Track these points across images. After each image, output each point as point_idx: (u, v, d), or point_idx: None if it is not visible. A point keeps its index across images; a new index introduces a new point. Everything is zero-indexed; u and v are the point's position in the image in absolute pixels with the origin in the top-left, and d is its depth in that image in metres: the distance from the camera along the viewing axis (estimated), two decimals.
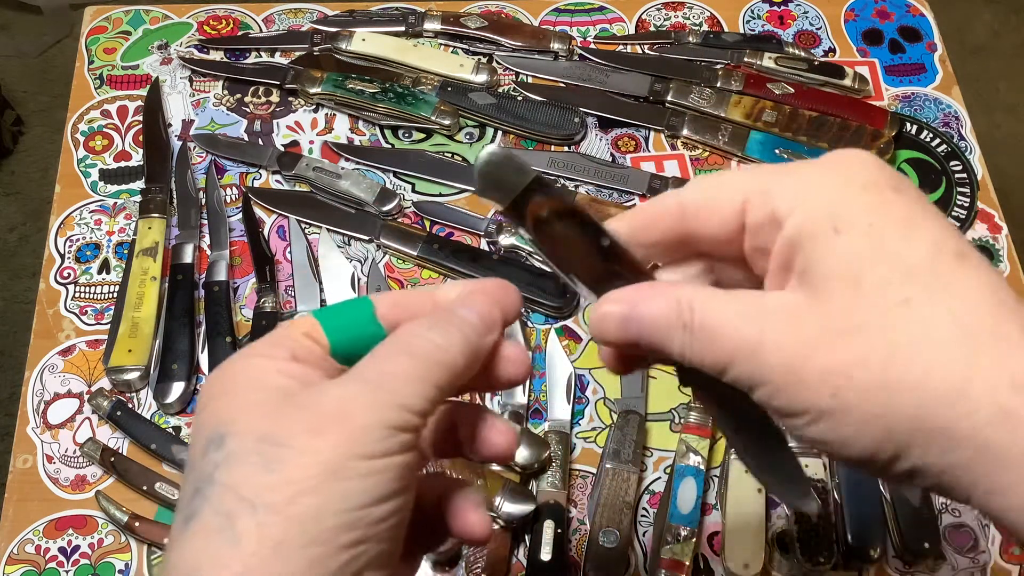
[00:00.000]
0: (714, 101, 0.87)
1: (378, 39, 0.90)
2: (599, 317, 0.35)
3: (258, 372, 0.33)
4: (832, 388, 0.30)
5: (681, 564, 0.63)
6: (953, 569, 0.67)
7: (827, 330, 0.30)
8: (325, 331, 0.35)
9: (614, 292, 0.35)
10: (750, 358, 0.31)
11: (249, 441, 0.30)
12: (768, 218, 0.33)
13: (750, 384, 0.32)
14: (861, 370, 0.29)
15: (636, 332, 0.34)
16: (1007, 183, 1.56)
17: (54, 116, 1.74)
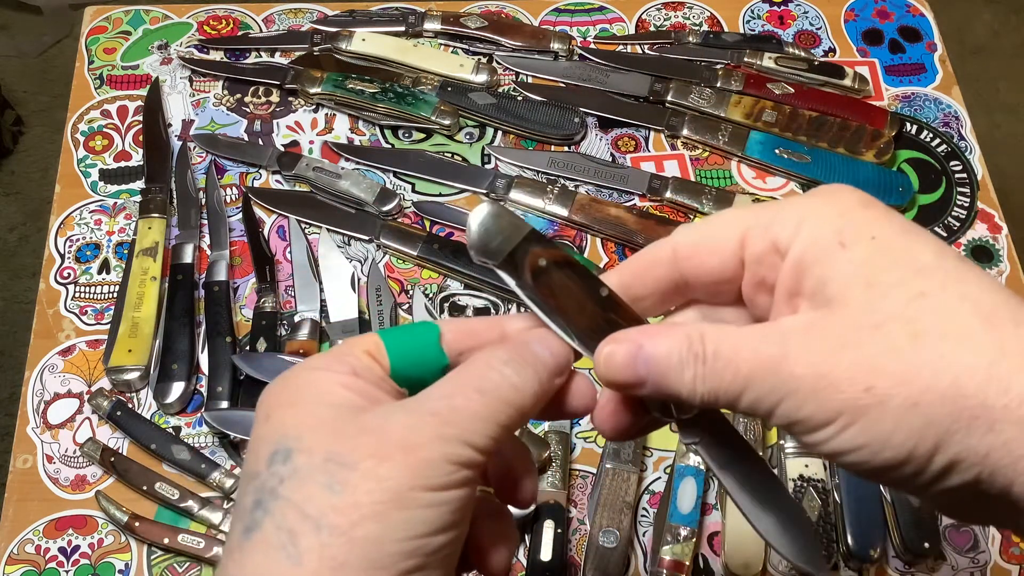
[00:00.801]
0: (714, 101, 0.87)
1: (378, 39, 0.90)
2: (605, 356, 0.34)
3: (323, 386, 0.33)
4: (865, 382, 0.30)
5: (681, 564, 0.63)
6: (953, 569, 0.67)
7: (851, 330, 0.30)
8: (388, 352, 0.35)
9: (619, 332, 0.35)
10: (772, 373, 0.31)
11: (316, 459, 0.31)
12: (769, 248, 0.33)
13: (773, 402, 0.31)
14: (891, 359, 0.29)
15: (644, 371, 0.33)
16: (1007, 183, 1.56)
17: (54, 116, 1.74)
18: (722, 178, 0.84)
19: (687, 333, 0.33)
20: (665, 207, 0.82)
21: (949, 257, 0.31)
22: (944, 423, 0.29)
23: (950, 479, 0.30)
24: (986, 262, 0.81)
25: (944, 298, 0.30)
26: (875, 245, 0.31)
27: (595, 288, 0.35)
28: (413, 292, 0.77)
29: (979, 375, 0.29)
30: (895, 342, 0.30)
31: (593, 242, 0.80)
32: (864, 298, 0.31)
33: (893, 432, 0.30)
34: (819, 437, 0.31)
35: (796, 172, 0.83)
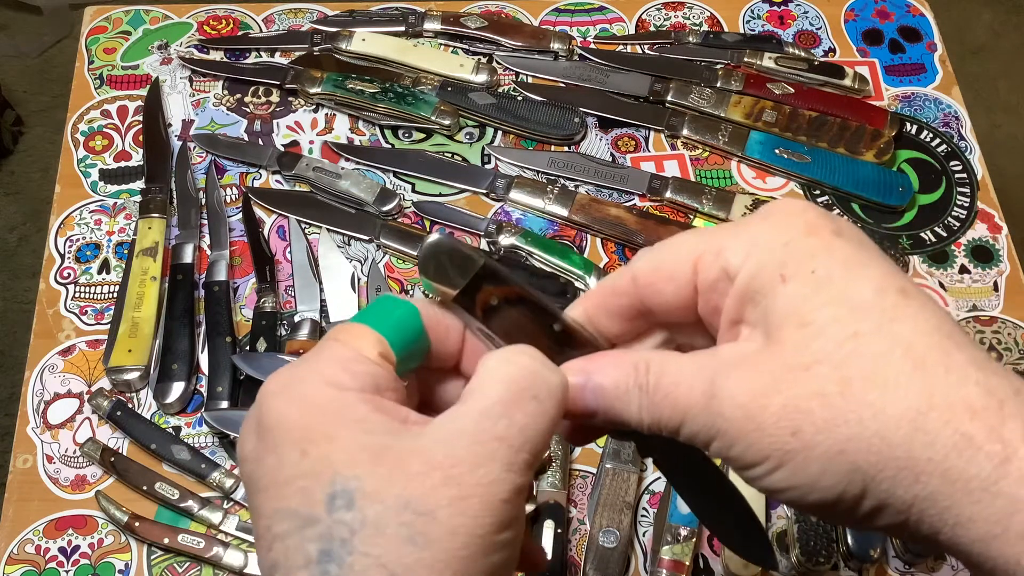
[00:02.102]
0: (714, 101, 0.87)
1: (378, 39, 0.90)
2: None
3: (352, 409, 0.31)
4: (792, 427, 0.29)
5: (681, 564, 0.63)
6: (953, 569, 0.67)
7: (781, 371, 0.30)
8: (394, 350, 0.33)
9: (568, 363, 0.34)
10: (704, 410, 0.31)
11: (389, 507, 0.28)
12: (720, 275, 0.33)
13: (706, 438, 0.31)
14: (819, 405, 0.29)
15: (593, 401, 0.34)
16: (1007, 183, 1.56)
17: (54, 116, 1.74)
18: (722, 178, 0.84)
19: (634, 362, 0.33)
20: (665, 207, 0.82)
21: (889, 293, 0.30)
22: (870, 471, 0.29)
23: (880, 520, 0.30)
24: (986, 262, 0.81)
25: (876, 340, 0.29)
26: (814, 280, 0.31)
27: (549, 323, 0.35)
28: (413, 292, 0.77)
29: (904, 427, 0.28)
30: (823, 387, 0.29)
31: (593, 242, 0.80)
32: (797, 337, 0.30)
33: (820, 476, 0.29)
34: (750, 475, 0.31)
35: (796, 172, 0.83)
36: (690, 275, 0.34)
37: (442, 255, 0.34)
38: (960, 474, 0.28)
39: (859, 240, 0.32)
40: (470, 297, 0.34)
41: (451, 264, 0.34)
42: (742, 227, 0.33)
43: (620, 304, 0.36)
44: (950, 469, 0.28)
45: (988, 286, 0.80)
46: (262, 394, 0.32)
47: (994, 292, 0.79)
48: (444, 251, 0.34)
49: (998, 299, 0.79)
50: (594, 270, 0.76)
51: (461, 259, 0.34)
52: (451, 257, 0.34)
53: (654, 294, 0.35)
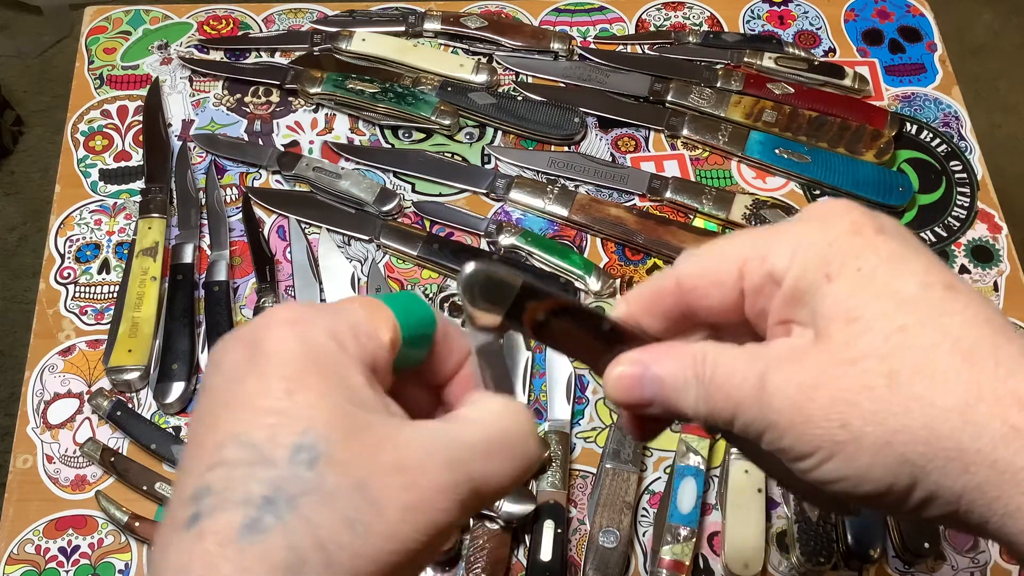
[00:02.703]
0: (714, 101, 0.87)
1: (378, 39, 0.90)
2: (613, 379, 0.35)
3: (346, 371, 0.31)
4: (841, 419, 0.30)
5: (681, 564, 0.63)
6: (953, 569, 0.67)
7: (829, 364, 0.31)
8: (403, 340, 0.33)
9: (625, 354, 0.35)
10: (755, 403, 0.32)
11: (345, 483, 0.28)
12: (766, 279, 0.33)
13: (758, 430, 0.32)
14: (866, 398, 0.30)
15: (651, 392, 0.34)
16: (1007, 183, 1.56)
17: (54, 116, 1.74)
18: (722, 178, 0.84)
19: (692, 353, 0.33)
20: (665, 207, 0.82)
21: (936, 287, 0.31)
22: (919, 462, 0.29)
23: (930, 510, 0.30)
24: (986, 262, 0.81)
25: (923, 334, 0.30)
26: (859, 277, 0.31)
27: (597, 325, 0.35)
28: (413, 292, 0.77)
29: (953, 418, 0.29)
30: (870, 380, 0.30)
31: (593, 242, 0.80)
32: (845, 333, 0.31)
33: (870, 468, 0.30)
34: (802, 467, 0.31)
35: (796, 172, 0.83)
36: (736, 280, 0.34)
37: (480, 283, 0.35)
38: (1008, 465, 0.28)
39: (903, 237, 0.33)
40: (517, 317, 0.35)
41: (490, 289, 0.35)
42: (786, 229, 0.34)
43: (664, 306, 0.36)
44: (998, 460, 0.28)
45: (988, 286, 0.80)
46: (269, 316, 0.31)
47: (994, 292, 0.79)
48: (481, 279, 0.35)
49: (998, 299, 0.79)
50: (594, 270, 0.76)
51: (499, 283, 0.35)
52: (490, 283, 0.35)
53: (699, 298, 0.35)
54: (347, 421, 0.29)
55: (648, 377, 0.34)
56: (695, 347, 0.34)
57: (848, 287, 0.31)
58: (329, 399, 0.29)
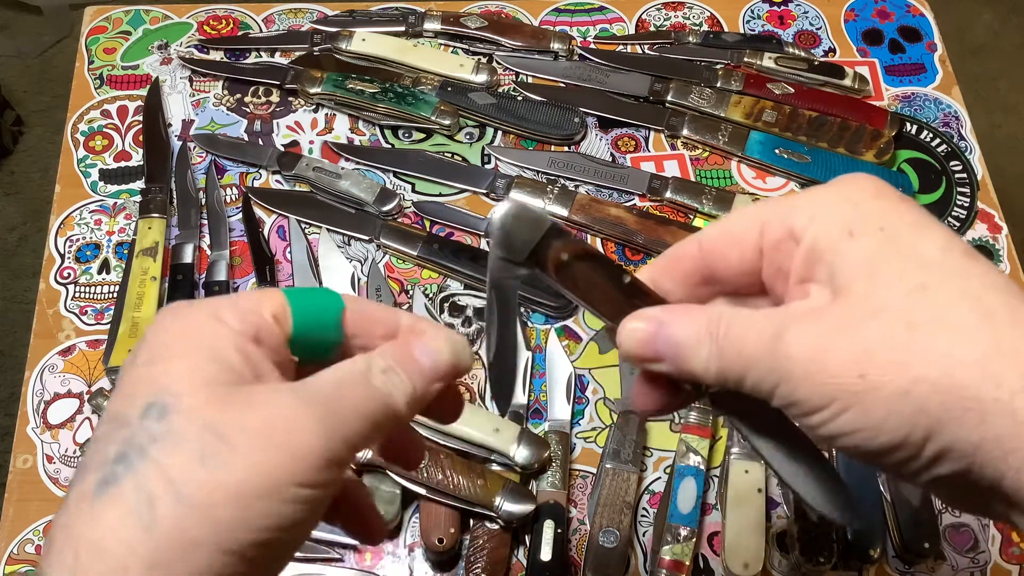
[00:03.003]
0: (714, 101, 0.87)
1: (378, 39, 0.90)
2: (628, 332, 0.35)
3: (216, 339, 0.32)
4: (858, 369, 0.30)
5: (681, 564, 0.63)
6: (953, 569, 0.67)
7: (849, 318, 0.31)
8: (293, 318, 0.34)
9: (642, 310, 0.36)
10: (771, 354, 0.32)
11: (194, 424, 0.29)
12: (786, 235, 0.34)
13: (772, 383, 0.32)
14: (886, 348, 0.30)
15: (664, 347, 0.34)
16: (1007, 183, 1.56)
17: (54, 116, 1.74)
18: (722, 178, 0.84)
19: (708, 314, 0.34)
20: (665, 207, 0.82)
21: (955, 253, 0.31)
22: (936, 412, 0.29)
23: (941, 467, 0.30)
24: None
25: (944, 292, 0.30)
26: (883, 236, 0.32)
27: (618, 276, 0.36)
28: (413, 292, 0.77)
29: (972, 368, 0.29)
30: (891, 331, 0.30)
31: (593, 242, 0.80)
32: (866, 287, 0.31)
33: (886, 419, 0.30)
34: (815, 420, 0.31)
35: (796, 172, 0.83)
36: (756, 238, 0.35)
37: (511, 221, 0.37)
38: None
39: (923, 208, 0.33)
40: (542, 256, 0.37)
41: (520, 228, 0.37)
42: (809, 193, 0.34)
43: (684, 269, 0.37)
44: (1017, 410, 0.28)
45: None
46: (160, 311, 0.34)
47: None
48: (513, 217, 0.36)
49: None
50: None
51: (530, 222, 0.37)
52: (520, 222, 0.36)
53: (719, 258, 0.36)
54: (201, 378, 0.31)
55: (663, 333, 0.34)
56: (711, 308, 0.34)
57: (871, 245, 0.32)
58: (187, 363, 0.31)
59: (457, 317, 0.76)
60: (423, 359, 0.35)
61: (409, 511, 0.67)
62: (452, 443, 0.66)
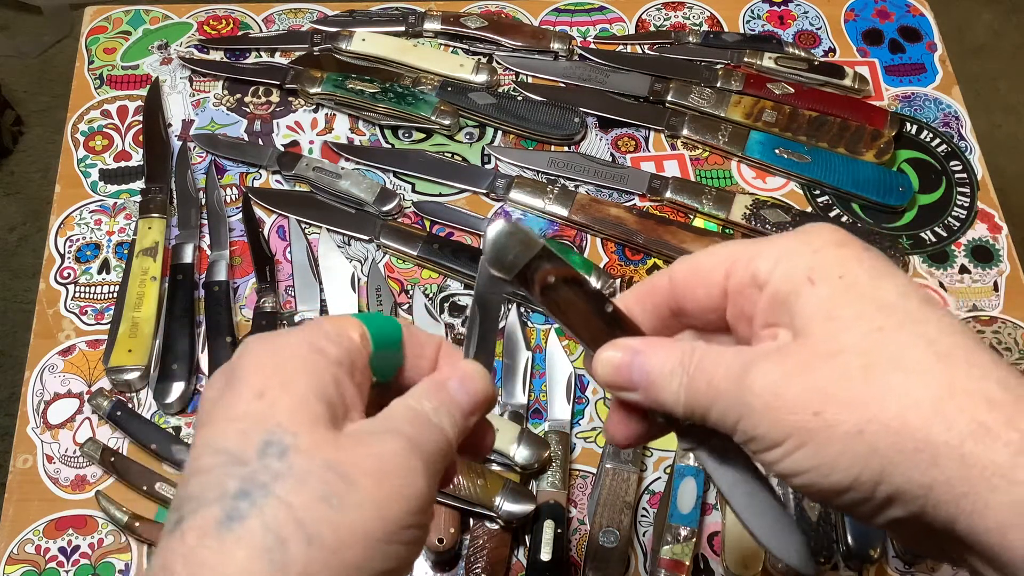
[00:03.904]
0: (714, 101, 0.87)
1: (378, 39, 0.90)
2: (603, 360, 0.37)
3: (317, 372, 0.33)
4: (815, 406, 0.31)
5: (681, 564, 0.63)
6: (954, 569, 0.67)
7: (808, 357, 0.32)
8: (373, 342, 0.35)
9: (619, 339, 0.37)
10: (735, 390, 0.33)
11: (315, 464, 0.30)
12: (750, 280, 0.35)
13: (734, 418, 0.33)
14: (841, 387, 0.31)
15: (637, 377, 0.36)
16: (1007, 183, 1.56)
17: (54, 116, 1.74)
18: (722, 178, 0.84)
19: (682, 347, 0.35)
20: (665, 207, 0.82)
21: (913, 299, 0.32)
22: (888, 453, 0.30)
23: (894, 509, 0.31)
24: (986, 262, 0.81)
25: (900, 335, 0.31)
26: (841, 283, 0.33)
27: (600, 304, 0.37)
28: (413, 292, 0.77)
29: (925, 410, 0.29)
30: (847, 371, 0.31)
31: (593, 242, 0.80)
32: (824, 330, 0.32)
33: (838, 457, 0.30)
34: (772, 456, 0.32)
35: (796, 172, 0.83)
36: (722, 279, 0.36)
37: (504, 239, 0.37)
38: (977, 460, 0.29)
39: (885, 259, 0.34)
40: (530, 276, 0.38)
41: (512, 247, 0.37)
42: (774, 239, 0.35)
43: (656, 302, 0.38)
44: (968, 455, 0.29)
45: (988, 286, 0.80)
46: (245, 342, 0.34)
47: (994, 292, 0.79)
48: (506, 235, 0.37)
49: (998, 299, 0.79)
50: (594, 270, 0.76)
51: (522, 242, 0.37)
52: (512, 240, 0.37)
53: (688, 294, 0.37)
54: (313, 414, 0.31)
55: (636, 363, 0.36)
56: (685, 343, 0.35)
57: (829, 290, 0.33)
58: (295, 395, 0.32)
59: (457, 317, 0.76)
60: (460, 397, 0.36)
61: None
62: None
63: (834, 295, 0.32)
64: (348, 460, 0.31)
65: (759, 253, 0.35)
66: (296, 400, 0.32)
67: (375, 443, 0.32)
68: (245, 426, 0.31)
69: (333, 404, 0.32)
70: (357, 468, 0.31)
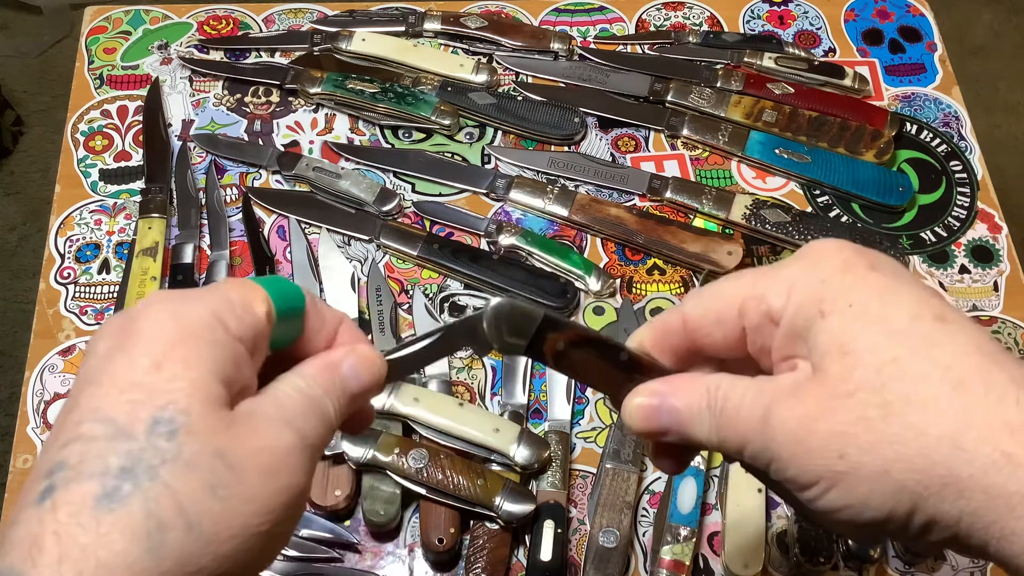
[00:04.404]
0: (714, 101, 0.87)
1: (378, 39, 0.90)
2: (631, 409, 0.37)
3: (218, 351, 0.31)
4: (839, 450, 0.31)
5: (681, 564, 0.63)
6: (953, 569, 0.67)
7: (826, 398, 0.32)
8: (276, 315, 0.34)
9: (644, 385, 0.37)
10: (760, 435, 0.33)
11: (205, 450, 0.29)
12: (764, 319, 0.35)
13: (764, 461, 0.33)
14: (863, 429, 0.31)
15: (667, 420, 0.36)
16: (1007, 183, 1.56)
17: (54, 116, 1.74)
18: (722, 178, 0.84)
19: (706, 385, 0.35)
20: (665, 207, 0.82)
21: (925, 319, 0.32)
22: (916, 489, 0.30)
23: (933, 535, 0.31)
24: (986, 262, 0.81)
25: (914, 364, 0.31)
26: (851, 312, 0.33)
27: (615, 355, 0.37)
28: (413, 292, 0.77)
29: (945, 446, 0.30)
30: (865, 412, 0.31)
31: (593, 242, 0.80)
32: (839, 366, 0.32)
33: (869, 496, 0.31)
34: (807, 496, 0.33)
35: (796, 172, 0.83)
36: (736, 319, 0.36)
37: (506, 315, 0.37)
38: (1001, 490, 0.29)
39: (895, 271, 0.34)
40: (538, 348, 0.37)
41: (511, 326, 0.37)
42: (780, 269, 0.35)
43: (672, 344, 0.38)
44: (991, 486, 0.29)
45: (988, 286, 0.80)
46: (148, 298, 0.33)
47: (994, 292, 0.79)
48: (507, 310, 0.37)
49: (998, 299, 0.79)
50: (594, 270, 0.76)
51: (521, 316, 0.37)
52: (513, 317, 0.37)
53: (704, 336, 0.37)
54: (208, 394, 0.30)
55: (665, 407, 0.36)
56: (709, 378, 0.35)
57: (840, 322, 0.32)
58: (193, 376, 0.30)
59: (457, 317, 0.76)
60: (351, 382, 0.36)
61: (409, 511, 0.67)
62: (452, 443, 0.66)
63: (845, 326, 0.32)
64: (239, 451, 0.30)
65: (769, 289, 0.35)
66: (193, 377, 0.30)
67: (268, 435, 0.31)
68: (136, 398, 0.29)
69: (231, 383, 0.31)
70: (248, 461, 0.30)
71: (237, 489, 0.29)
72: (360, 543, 0.66)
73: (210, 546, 0.28)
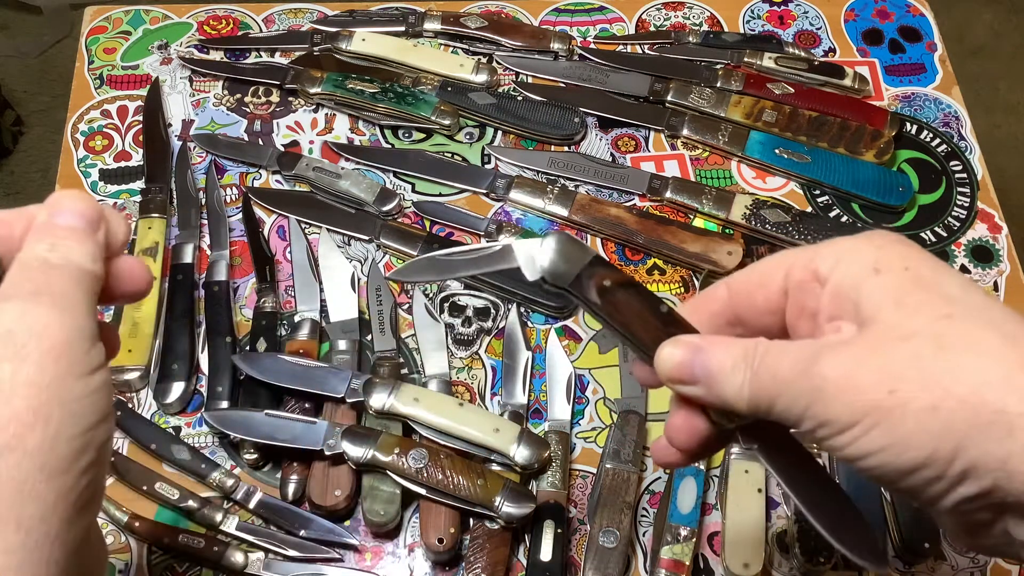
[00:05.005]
0: (714, 101, 0.87)
1: (378, 39, 0.90)
2: (666, 354, 0.37)
3: None
4: (889, 385, 0.31)
5: (681, 564, 0.63)
6: (953, 569, 0.67)
7: (879, 341, 0.33)
8: None
9: (682, 336, 0.38)
10: (804, 376, 0.33)
11: None
12: (811, 277, 0.36)
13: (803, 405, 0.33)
14: (915, 367, 0.31)
15: (699, 372, 0.36)
16: (1007, 183, 1.56)
17: (54, 116, 1.74)
18: (722, 178, 0.84)
19: (744, 343, 0.36)
20: (665, 207, 0.82)
21: (974, 292, 0.34)
22: (962, 428, 0.30)
23: (967, 485, 0.31)
24: (986, 262, 0.81)
25: (969, 320, 0.32)
26: (908, 274, 0.34)
27: (656, 305, 0.39)
28: (413, 292, 0.77)
29: (998, 385, 0.30)
30: (920, 351, 0.32)
31: (593, 242, 0.80)
32: (894, 315, 0.33)
33: (914, 434, 0.31)
34: (845, 439, 0.33)
35: (796, 172, 0.83)
36: (781, 281, 0.37)
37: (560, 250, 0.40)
38: None
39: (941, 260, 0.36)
40: (584, 284, 0.40)
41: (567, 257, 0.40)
42: (832, 242, 0.37)
43: (712, 310, 0.39)
44: None
45: (988, 286, 0.80)
46: None
47: (994, 292, 0.79)
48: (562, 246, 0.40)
49: (998, 299, 0.79)
50: None
51: (576, 252, 0.40)
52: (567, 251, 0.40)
53: (745, 300, 0.38)
54: None
55: (699, 358, 0.36)
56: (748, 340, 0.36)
57: (896, 279, 0.34)
58: None
59: (457, 317, 0.76)
60: (60, 220, 0.35)
61: (409, 511, 0.67)
62: (452, 443, 0.66)
63: (902, 283, 0.34)
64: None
65: (818, 253, 0.36)
66: None
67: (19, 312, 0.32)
68: None
69: None
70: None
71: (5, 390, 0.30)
72: (360, 543, 0.66)
73: (15, 454, 0.29)
